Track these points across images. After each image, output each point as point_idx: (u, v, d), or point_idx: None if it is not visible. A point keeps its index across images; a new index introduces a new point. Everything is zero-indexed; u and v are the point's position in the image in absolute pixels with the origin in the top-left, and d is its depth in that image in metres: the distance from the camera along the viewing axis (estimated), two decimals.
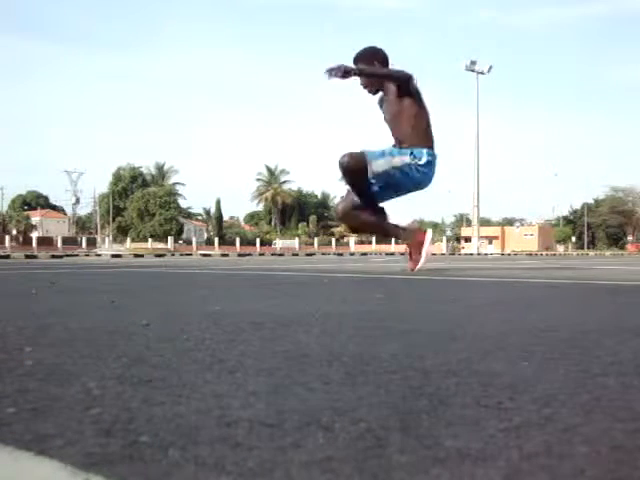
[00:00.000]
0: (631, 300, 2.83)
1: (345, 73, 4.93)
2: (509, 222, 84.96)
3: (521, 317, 1.95)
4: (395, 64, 5.40)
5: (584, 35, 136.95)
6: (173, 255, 22.54)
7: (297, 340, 1.42)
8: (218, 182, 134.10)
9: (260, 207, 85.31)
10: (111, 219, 68.65)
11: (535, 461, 0.61)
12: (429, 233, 5.55)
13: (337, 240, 58.65)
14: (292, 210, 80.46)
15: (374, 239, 55.65)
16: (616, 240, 72.89)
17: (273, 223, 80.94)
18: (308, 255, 22.03)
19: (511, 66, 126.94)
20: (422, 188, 5.37)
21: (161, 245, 46.88)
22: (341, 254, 24.30)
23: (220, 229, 74.09)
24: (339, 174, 5.21)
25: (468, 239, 55.08)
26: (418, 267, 5.34)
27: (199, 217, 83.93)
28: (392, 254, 25.91)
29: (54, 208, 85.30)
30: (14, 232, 60.71)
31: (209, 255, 21.08)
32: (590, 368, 1.07)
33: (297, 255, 22.18)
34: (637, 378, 1.00)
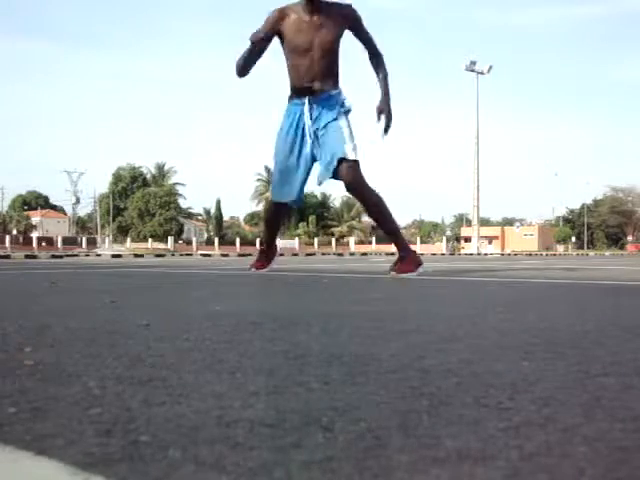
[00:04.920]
0: (631, 300, 2.83)
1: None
2: (509, 222, 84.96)
3: (521, 317, 1.95)
4: None
5: (584, 35, 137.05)
6: (173, 255, 22.54)
7: (297, 340, 1.42)
8: (218, 182, 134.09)
9: (260, 207, 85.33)
10: (111, 219, 68.63)
11: (535, 461, 0.61)
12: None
13: (337, 240, 58.65)
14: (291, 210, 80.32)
15: (374, 239, 55.66)
16: (616, 240, 72.89)
17: None
18: (308, 255, 22.02)
19: (511, 66, 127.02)
20: None
21: (161, 245, 46.90)
22: (341, 254, 24.30)
23: (220, 229, 74.05)
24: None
25: (468, 239, 55.12)
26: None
27: (199, 217, 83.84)
28: (392, 254, 25.89)
29: (54, 208, 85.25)
30: (14, 232, 60.73)
31: (209, 255, 21.07)
32: (590, 368, 1.07)
33: (297, 255, 22.17)
34: (637, 378, 1.00)
